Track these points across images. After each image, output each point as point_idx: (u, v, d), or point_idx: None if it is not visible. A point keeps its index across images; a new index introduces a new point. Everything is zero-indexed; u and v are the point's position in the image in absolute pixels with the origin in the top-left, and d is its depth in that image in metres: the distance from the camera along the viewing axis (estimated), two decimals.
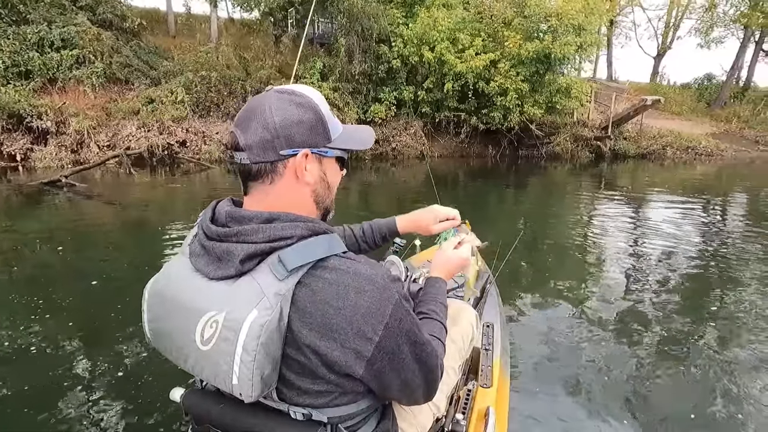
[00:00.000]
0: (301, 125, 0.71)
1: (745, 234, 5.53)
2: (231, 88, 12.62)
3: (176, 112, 11.75)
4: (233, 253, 0.66)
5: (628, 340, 2.66)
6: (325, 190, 0.78)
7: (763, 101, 19.80)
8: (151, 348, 2.38)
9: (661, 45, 25.76)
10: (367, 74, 13.14)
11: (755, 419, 1.98)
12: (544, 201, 8.30)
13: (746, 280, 3.78)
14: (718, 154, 15.52)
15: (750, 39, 20.30)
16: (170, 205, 7.31)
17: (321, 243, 0.67)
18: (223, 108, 12.46)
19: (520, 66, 12.58)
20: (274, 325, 0.62)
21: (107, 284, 3.48)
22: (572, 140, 14.37)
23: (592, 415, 1.98)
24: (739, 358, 2.49)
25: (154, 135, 11.34)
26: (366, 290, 0.65)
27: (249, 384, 0.63)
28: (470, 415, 1.21)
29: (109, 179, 9.41)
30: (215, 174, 10.40)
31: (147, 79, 12.66)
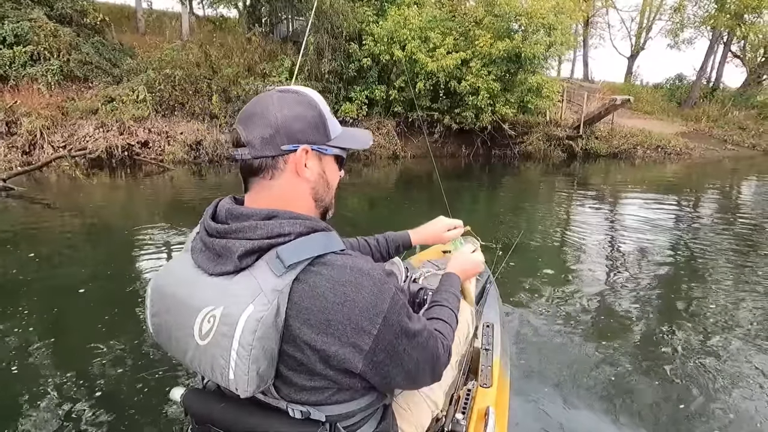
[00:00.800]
0: (302, 122, 0.73)
1: (728, 229, 5.79)
2: (197, 86, 12.22)
3: (137, 111, 11.31)
4: (232, 250, 0.67)
5: (628, 339, 2.67)
6: (325, 188, 0.79)
7: (731, 101, 20.24)
8: (150, 348, 2.42)
9: (634, 46, 26.19)
10: (337, 73, 12.90)
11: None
12: (523, 200, 8.24)
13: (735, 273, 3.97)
14: (687, 153, 15.76)
15: (718, 40, 20.71)
16: (128, 207, 6.99)
17: (319, 240, 0.69)
18: (188, 107, 12.07)
19: (491, 65, 12.51)
20: (270, 320, 0.62)
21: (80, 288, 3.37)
22: (545, 140, 14.39)
23: (593, 415, 1.99)
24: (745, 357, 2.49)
25: (113, 135, 10.87)
26: (363, 285, 0.66)
27: (245, 379, 0.64)
28: (470, 415, 1.22)
29: (66, 182, 8.95)
30: (180, 175, 10.05)
31: (109, 77, 12.18)
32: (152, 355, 2.37)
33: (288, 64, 12.29)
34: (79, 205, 6.93)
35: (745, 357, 2.51)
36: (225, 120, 11.96)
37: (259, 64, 12.75)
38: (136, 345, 2.49)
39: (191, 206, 6.92)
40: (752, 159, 16.60)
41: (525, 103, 12.70)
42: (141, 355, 2.40)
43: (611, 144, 14.78)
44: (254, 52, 13.16)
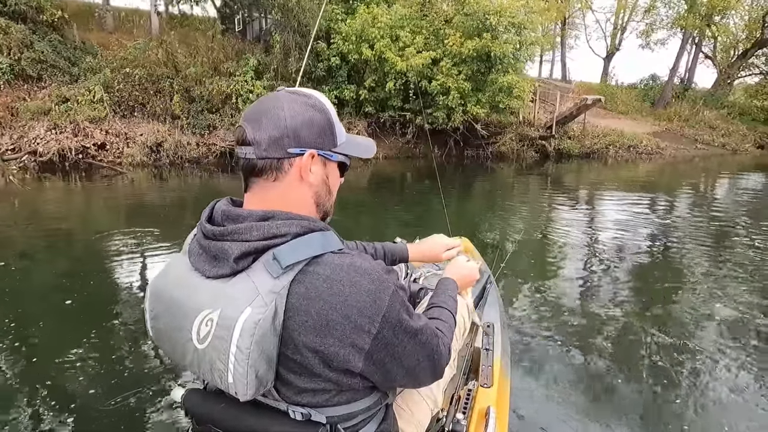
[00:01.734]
0: (311, 126, 0.73)
1: (710, 226, 5.95)
2: (158, 86, 11.77)
3: (93, 112, 10.82)
4: (228, 252, 0.66)
5: (629, 339, 2.68)
6: (326, 194, 0.79)
7: (702, 101, 20.54)
8: (149, 349, 2.41)
9: (609, 46, 26.45)
10: (305, 72, 12.57)
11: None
12: (501, 200, 8.16)
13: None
14: (658, 152, 15.88)
15: (688, 41, 21.01)
16: (88, 213, 6.64)
17: (316, 240, 0.68)
18: (149, 108, 11.61)
19: (461, 65, 12.35)
20: (268, 323, 0.62)
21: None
22: (518, 140, 14.31)
23: (593, 415, 1.99)
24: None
25: (66, 137, 10.37)
26: (361, 284, 0.65)
27: (244, 382, 0.63)
28: (471, 415, 1.22)
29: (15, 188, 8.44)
30: (141, 179, 9.62)
31: (66, 77, 11.65)
32: (152, 356, 2.38)
33: (254, 63, 11.92)
34: (33, 213, 6.51)
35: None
36: (187, 121, 11.55)
37: (224, 63, 12.36)
38: (136, 346, 2.49)
39: (155, 210, 6.65)
40: (722, 157, 16.83)
41: (496, 103, 12.57)
42: (141, 355, 2.40)
43: (583, 144, 14.78)
44: (219, 51, 12.76)
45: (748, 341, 2.72)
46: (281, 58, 11.99)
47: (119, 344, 2.56)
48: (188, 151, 11.26)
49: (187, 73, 11.72)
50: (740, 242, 5.10)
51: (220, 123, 11.75)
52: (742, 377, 2.34)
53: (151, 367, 2.31)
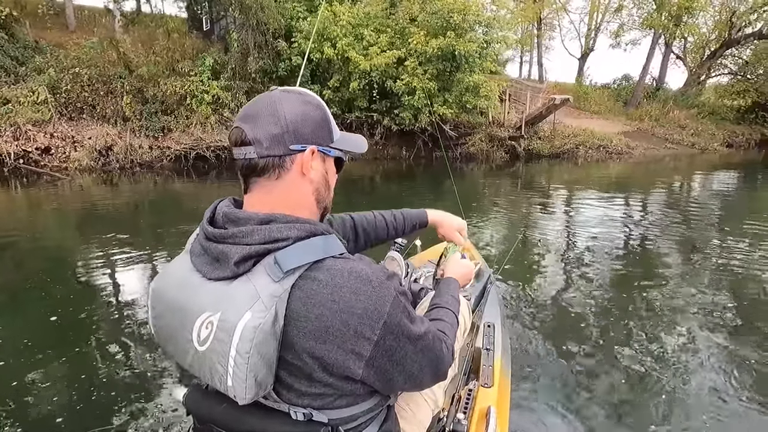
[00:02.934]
0: (310, 122, 0.73)
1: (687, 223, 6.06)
2: (110, 86, 11.20)
3: (36, 114, 10.21)
4: (228, 255, 0.66)
5: (629, 339, 2.67)
6: (326, 189, 0.79)
7: (672, 100, 20.72)
8: (149, 348, 2.41)
9: (584, 47, 26.60)
10: (266, 72, 12.15)
11: None
12: (475, 202, 7.82)
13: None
14: (628, 152, 15.86)
15: (658, 41, 21.18)
16: (38, 221, 6.13)
17: (317, 244, 0.68)
18: (99, 109, 11.02)
19: (427, 64, 12.07)
20: (268, 328, 0.62)
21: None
22: (487, 141, 14.09)
23: (593, 415, 1.99)
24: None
25: (5, 141, 9.74)
26: (362, 290, 0.65)
27: (243, 386, 0.63)
28: (471, 415, 1.21)
29: None
30: (89, 184, 9.07)
31: (11, 77, 10.98)
32: (152, 356, 2.39)
33: (210, 62, 11.44)
34: None
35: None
36: (139, 123, 11.00)
37: (180, 62, 11.84)
38: (136, 346, 2.50)
39: (110, 217, 6.33)
40: (691, 157, 16.91)
41: (463, 103, 12.32)
42: (141, 356, 2.41)
43: (553, 144, 14.65)
44: (176, 49, 12.23)
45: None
46: (239, 58, 11.53)
47: (118, 345, 2.55)
48: (140, 154, 10.72)
49: (140, 73, 11.17)
50: (716, 242, 5.13)
51: (176, 125, 11.23)
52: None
53: (150, 368, 2.31)
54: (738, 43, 21.38)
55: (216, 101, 11.20)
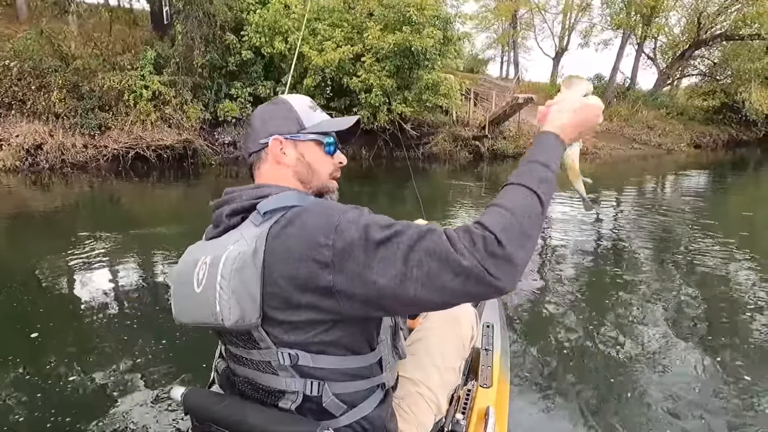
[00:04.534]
0: (274, 118, 0.85)
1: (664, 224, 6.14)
2: (43, 81, 10.41)
3: None
4: (223, 213, 0.79)
5: (628, 339, 2.67)
6: (307, 170, 0.85)
7: (641, 101, 20.70)
8: (149, 347, 2.45)
9: (558, 46, 26.54)
10: (215, 67, 11.50)
11: None
12: (444, 205, 7.48)
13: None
14: (594, 152, 15.67)
15: (628, 41, 21.16)
16: None
17: (292, 195, 0.77)
18: (30, 105, 10.23)
19: (385, 60, 11.60)
20: (248, 256, 0.68)
21: None
22: (451, 140, 13.70)
23: (592, 415, 1.98)
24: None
25: None
26: (317, 212, 0.70)
27: (228, 308, 0.69)
28: (470, 415, 1.22)
29: None
30: (16, 186, 8.35)
31: None
32: (152, 356, 2.40)
33: (152, 55, 10.74)
34: None
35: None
36: (73, 120, 10.24)
37: (121, 55, 11.10)
38: (136, 346, 2.50)
39: (46, 220, 5.93)
40: (659, 158, 16.85)
41: (423, 102, 11.89)
42: (141, 356, 2.41)
43: (518, 144, 14.34)
44: (117, 41, 11.49)
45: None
46: (183, 51, 10.85)
47: (117, 347, 2.55)
48: (73, 154, 9.97)
49: (76, 66, 10.41)
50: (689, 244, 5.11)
51: (114, 122, 10.51)
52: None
53: (150, 368, 2.30)
54: (706, 44, 21.50)
55: (157, 97, 10.50)
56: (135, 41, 12.11)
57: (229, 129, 11.83)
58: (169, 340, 2.57)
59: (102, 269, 3.91)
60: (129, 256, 4.30)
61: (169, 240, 5.01)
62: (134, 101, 10.30)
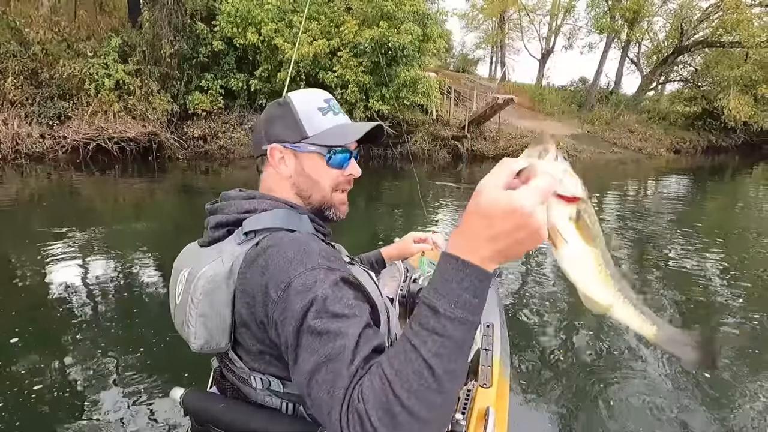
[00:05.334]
0: (273, 122, 0.80)
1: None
2: None
3: None
4: (209, 223, 0.76)
5: (627, 339, 2.65)
6: (308, 184, 0.80)
7: (622, 104, 20.75)
8: (149, 348, 2.49)
9: (544, 48, 26.50)
10: (184, 57, 11.05)
11: None
12: (432, 206, 7.17)
13: None
14: (574, 155, 15.60)
15: (611, 45, 21.19)
16: None
17: (278, 215, 0.73)
18: None
19: (362, 56, 11.29)
20: (220, 279, 0.67)
21: None
22: (430, 140, 13.47)
23: (592, 415, 2.00)
24: None
25: None
26: (283, 255, 0.65)
27: (193, 332, 0.69)
28: (470, 415, 1.21)
29: None
30: None
31: None
32: (151, 355, 2.40)
33: (116, 43, 10.24)
34: None
35: None
36: (30, 109, 9.72)
37: (85, 41, 10.58)
38: (136, 345, 2.50)
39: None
40: (638, 163, 16.87)
41: (401, 99, 11.62)
42: (140, 356, 2.41)
43: (498, 145, 14.18)
44: (82, 27, 10.96)
45: None
46: (150, 39, 10.39)
47: (117, 348, 2.56)
48: (29, 144, 9.46)
49: (34, 52, 9.88)
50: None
51: (74, 112, 10.01)
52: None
53: (150, 369, 2.30)
54: (688, 51, 21.64)
55: (121, 87, 10.03)
56: (102, 28, 11.59)
57: (199, 122, 11.40)
58: (158, 341, 2.57)
59: (65, 267, 3.81)
60: (93, 254, 4.20)
61: (130, 238, 4.82)
62: (96, 90, 9.81)
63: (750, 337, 2.88)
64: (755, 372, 2.45)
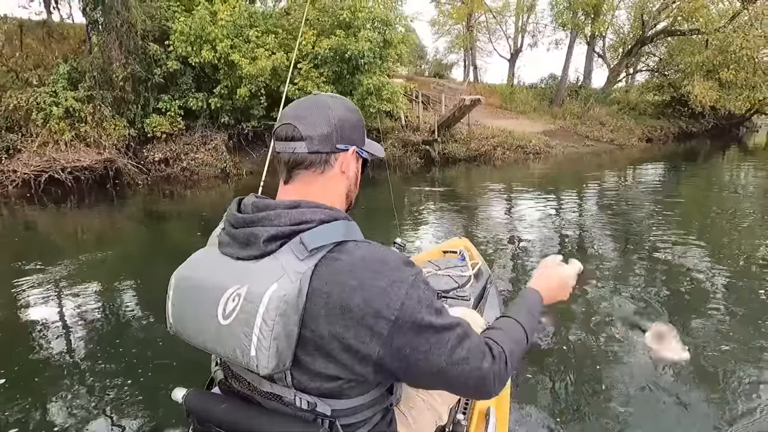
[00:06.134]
0: (353, 125, 0.81)
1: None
2: None
3: None
4: (258, 236, 0.70)
5: (627, 339, 2.66)
6: (355, 186, 0.87)
7: (592, 98, 20.96)
8: (150, 349, 2.61)
9: (512, 47, 26.76)
10: (140, 79, 10.72)
11: None
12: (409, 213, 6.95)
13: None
14: (547, 151, 15.59)
15: (576, 40, 21.44)
16: None
17: (339, 227, 0.72)
18: None
19: (323, 66, 11.10)
20: (292, 300, 0.64)
21: None
22: (400, 146, 13.30)
23: (592, 414, 2.00)
24: None
25: None
26: (380, 271, 0.67)
27: (266, 355, 0.65)
28: (471, 415, 1.21)
29: None
30: None
31: None
32: (152, 356, 2.49)
33: (65, 69, 9.88)
34: None
35: None
36: None
37: (33, 70, 10.20)
38: (137, 346, 2.64)
39: None
40: (611, 154, 16.94)
41: (367, 107, 11.43)
42: (140, 356, 2.51)
43: (470, 147, 14.06)
44: (29, 55, 10.57)
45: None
46: (101, 64, 10.04)
47: (122, 343, 2.71)
48: None
49: None
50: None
51: (24, 144, 9.57)
52: None
53: (153, 365, 2.38)
54: (651, 41, 22.01)
55: (72, 114, 9.64)
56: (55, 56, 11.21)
57: (159, 145, 11.04)
58: (143, 364, 2.55)
59: (34, 303, 3.75)
60: (60, 287, 4.10)
61: (95, 269, 4.69)
62: (44, 120, 9.41)
63: (730, 318, 2.98)
64: (743, 357, 2.49)
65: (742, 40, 15.97)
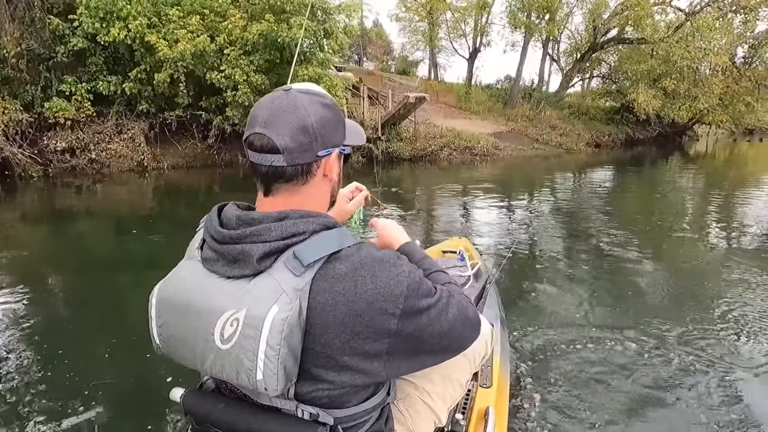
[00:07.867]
0: (332, 126, 0.74)
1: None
2: None
3: None
4: (250, 253, 0.66)
5: (626, 339, 2.69)
6: (338, 185, 0.83)
7: (544, 101, 21.08)
8: (150, 349, 1.83)
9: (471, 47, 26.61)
10: (39, 57, 9.45)
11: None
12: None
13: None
14: (495, 153, 15.37)
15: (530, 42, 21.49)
16: None
17: (333, 237, 0.69)
18: None
19: (254, 53, 10.22)
20: (294, 320, 0.63)
21: None
22: None
23: (592, 414, 2.01)
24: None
25: None
26: (379, 272, 0.67)
27: (274, 378, 0.64)
28: (470, 415, 1.21)
29: None
30: None
31: None
32: (151, 357, 2.40)
33: None
34: None
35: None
36: None
37: None
38: (135, 347, 2.53)
39: None
40: (559, 157, 16.98)
41: None
42: (140, 356, 2.42)
43: (415, 146, 13.59)
44: None
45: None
46: None
47: (120, 343, 2.60)
48: None
49: None
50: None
51: None
52: None
53: (151, 366, 2.32)
54: (603, 48, 22.40)
55: None
56: None
57: (64, 133, 9.80)
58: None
59: None
60: None
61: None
62: None
63: (668, 302, 3.19)
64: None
65: (683, 50, 16.35)
